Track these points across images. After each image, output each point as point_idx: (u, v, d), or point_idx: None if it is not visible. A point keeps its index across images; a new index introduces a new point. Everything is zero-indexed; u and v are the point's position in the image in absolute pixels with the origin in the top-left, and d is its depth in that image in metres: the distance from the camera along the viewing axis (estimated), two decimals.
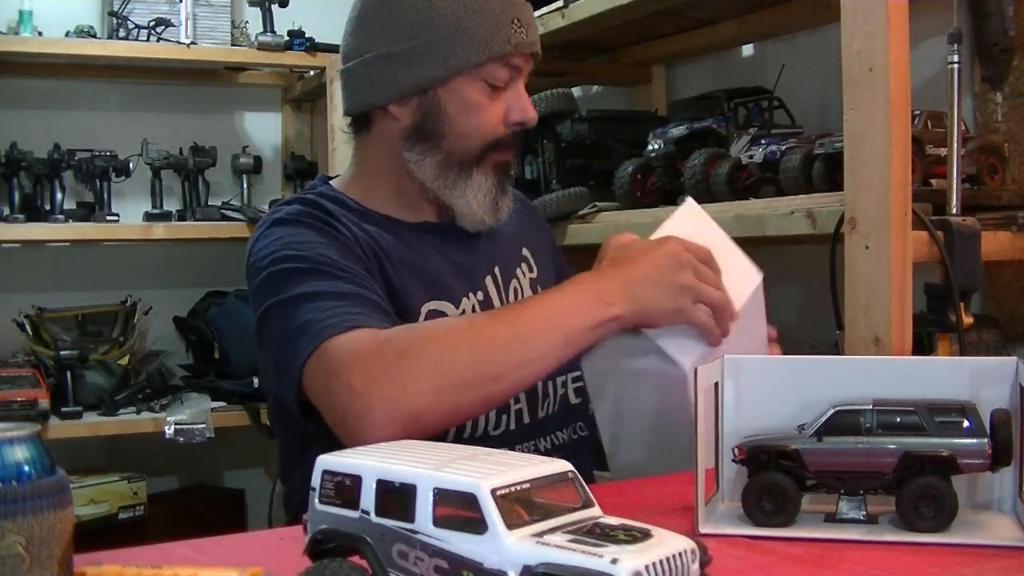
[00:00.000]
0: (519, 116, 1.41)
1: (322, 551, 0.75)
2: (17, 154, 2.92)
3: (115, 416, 2.88)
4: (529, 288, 1.52)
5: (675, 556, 0.63)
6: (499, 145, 1.42)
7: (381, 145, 1.45)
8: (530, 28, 1.40)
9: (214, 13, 3.16)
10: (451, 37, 1.36)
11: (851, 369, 1.05)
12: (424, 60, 1.36)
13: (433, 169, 1.41)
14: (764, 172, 1.88)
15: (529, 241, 1.58)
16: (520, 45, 1.38)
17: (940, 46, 1.60)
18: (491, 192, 1.42)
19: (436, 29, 1.36)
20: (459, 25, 1.36)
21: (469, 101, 1.38)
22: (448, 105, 1.38)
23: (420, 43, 1.37)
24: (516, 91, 1.41)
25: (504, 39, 1.36)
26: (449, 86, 1.38)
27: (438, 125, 1.39)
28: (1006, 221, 1.63)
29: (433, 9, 1.36)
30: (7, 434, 0.71)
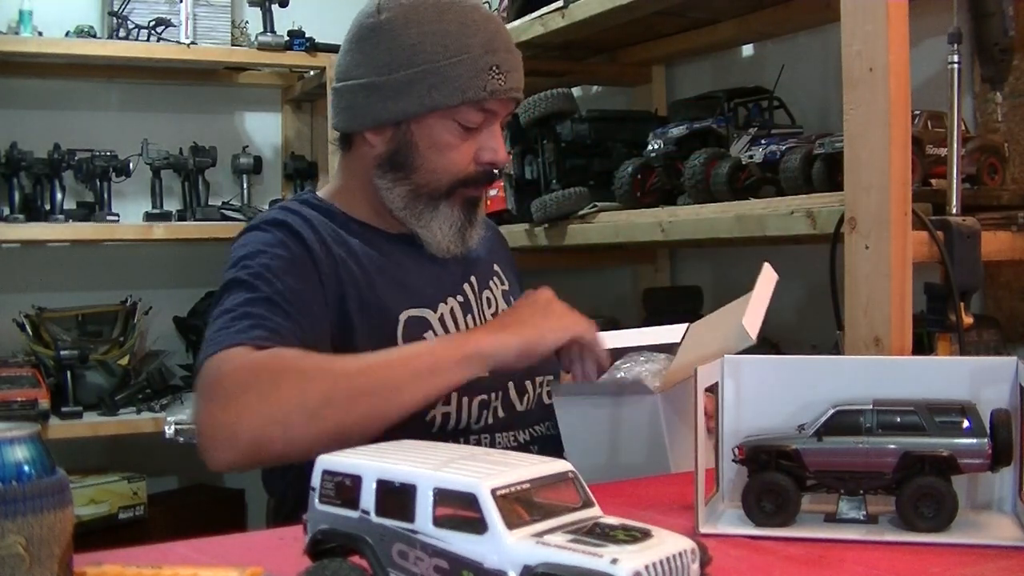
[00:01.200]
0: (490, 157, 1.46)
1: (322, 551, 0.75)
2: (17, 154, 2.92)
3: (115, 416, 2.88)
4: (502, 298, 1.58)
5: (675, 556, 0.63)
6: (468, 182, 1.47)
7: (359, 166, 1.51)
8: (510, 74, 1.44)
9: (214, 13, 3.16)
10: (429, 77, 1.41)
11: (851, 369, 1.05)
12: (401, 96, 1.42)
13: (402, 198, 1.47)
14: (764, 172, 1.88)
15: (500, 261, 1.66)
16: (496, 92, 1.42)
17: (940, 46, 1.60)
18: (456, 224, 1.48)
19: (416, 67, 1.41)
20: (438, 67, 1.41)
21: (440, 140, 1.44)
22: (420, 140, 1.44)
23: (400, 78, 1.42)
24: (490, 133, 1.46)
25: (480, 85, 1.41)
26: (422, 123, 1.43)
27: (409, 158, 1.45)
28: (1006, 221, 1.63)
29: (417, 48, 1.41)
30: (7, 434, 0.71)
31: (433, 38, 1.42)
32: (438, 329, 1.45)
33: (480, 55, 1.42)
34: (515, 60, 1.47)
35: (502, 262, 1.68)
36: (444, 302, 1.49)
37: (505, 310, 1.47)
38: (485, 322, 1.52)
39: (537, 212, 2.27)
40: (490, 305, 1.57)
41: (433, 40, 1.41)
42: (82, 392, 2.92)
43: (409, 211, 1.47)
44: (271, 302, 1.31)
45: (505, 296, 1.60)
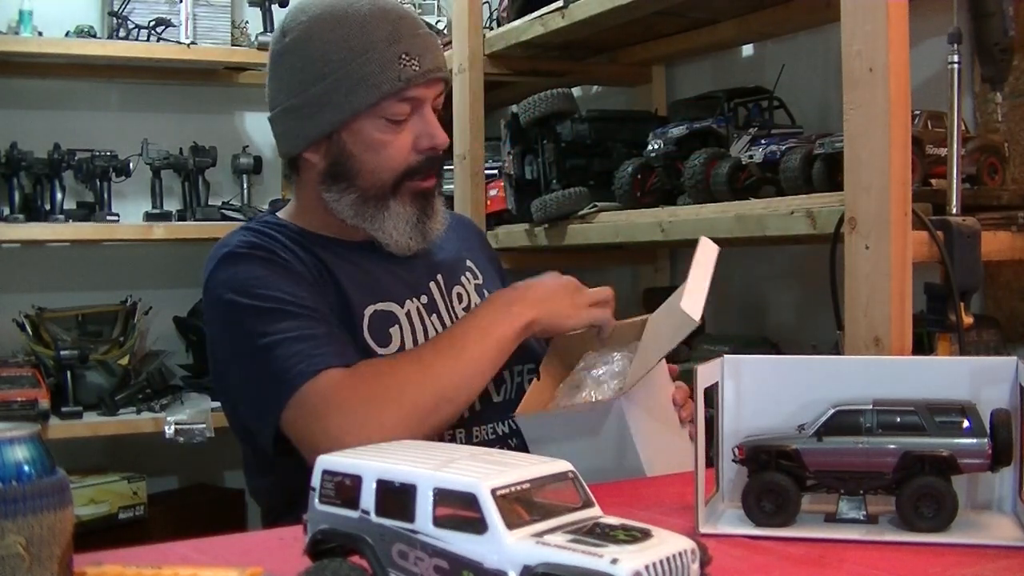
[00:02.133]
0: (427, 143, 1.46)
1: (322, 551, 0.75)
2: (17, 154, 2.92)
3: (115, 416, 2.88)
4: (475, 292, 1.59)
5: (675, 556, 0.63)
6: (413, 173, 1.47)
7: (308, 185, 1.52)
8: (424, 56, 1.44)
9: (214, 13, 3.16)
10: (342, 83, 1.41)
11: (851, 369, 1.05)
12: (321, 109, 1.43)
13: (350, 207, 1.47)
14: (764, 172, 1.88)
15: (472, 256, 1.66)
16: (412, 79, 1.42)
17: (940, 46, 1.60)
18: (411, 219, 1.48)
19: (327, 78, 1.42)
20: (347, 70, 1.41)
21: (371, 140, 1.44)
22: (353, 146, 1.44)
23: (316, 93, 1.43)
24: (422, 119, 1.46)
25: (393, 77, 1.41)
26: (351, 129, 1.44)
27: (348, 166, 1.45)
28: (1006, 221, 1.63)
29: (323, 59, 1.42)
30: (7, 434, 0.71)
31: (336, 45, 1.42)
32: (404, 325, 1.46)
33: (385, 47, 1.42)
34: (425, 42, 1.46)
35: (476, 255, 1.67)
36: (410, 299, 1.50)
37: (530, 282, 1.46)
38: (454, 320, 1.50)
39: (537, 212, 2.27)
40: (461, 300, 1.57)
41: (337, 47, 1.42)
42: (82, 392, 2.91)
43: (360, 217, 1.47)
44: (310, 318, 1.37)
45: (479, 290, 1.60)
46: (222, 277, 1.42)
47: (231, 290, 1.40)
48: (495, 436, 1.49)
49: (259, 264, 1.41)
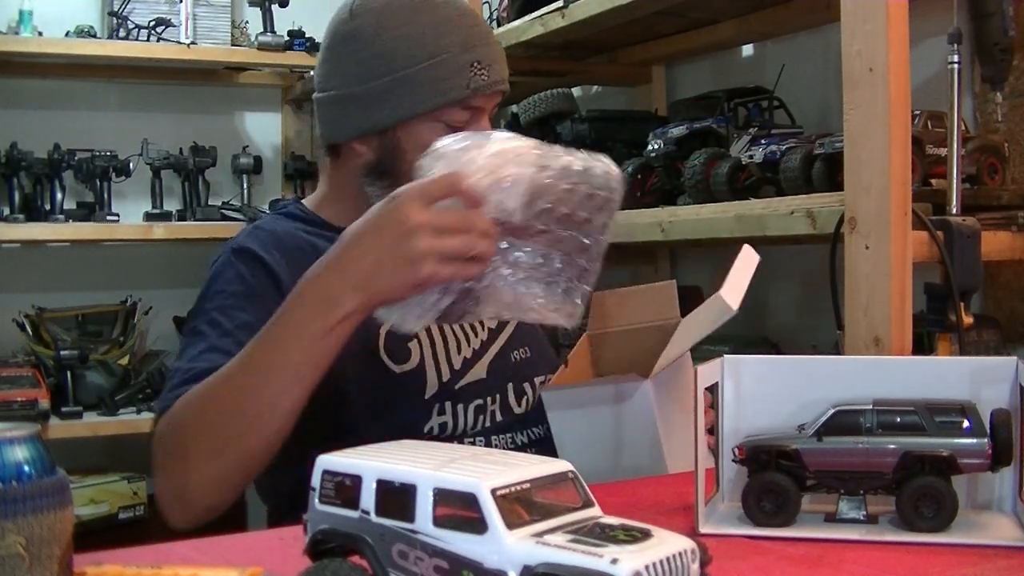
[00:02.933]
0: None
1: (322, 551, 0.75)
2: (17, 154, 2.92)
3: (115, 416, 2.88)
4: None
5: (675, 556, 0.63)
6: None
7: (347, 173, 1.48)
8: (493, 67, 1.41)
9: (214, 13, 3.16)
10: (408, 82, 1.38)
11: (851, 369, 1.05)
12: (381, 104, 1.39)
13: None
14: (764, 172, 1.88)
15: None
16: (480, 88, 1.39)
17: (940, 46, 1.60)
18: None
19: (393, 74, 1.38)
20: (416, 71, 1.37)
21: (426, 142, 1.34)
22: (407, 146, 1.39)
23: (378, 87, 1.39)
24: (478, 128, 1.41)
25: (461, 84, 1.38)
26: (408, 128, 1.40)
27: (397, 164, 1.40)
28: (1006, 221, 1.63)
29: (392, 54, 1.38)
30: (7, 434, 0.71)
31: (408, 41, 1.38)
32: (423, 339, 1.43)
33: (458, 53, 1.38)
34: (496, 52, 1.44)
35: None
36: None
37: (347, 247, 1.16)
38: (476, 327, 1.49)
39: None
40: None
41: (408, 44, 1.38)
42: (82, 392, 2.92)
43: None
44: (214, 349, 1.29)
45: None
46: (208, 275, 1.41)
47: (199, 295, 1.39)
48: (513, 447, 1.46)
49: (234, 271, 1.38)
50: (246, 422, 1.16)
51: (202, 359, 1.28)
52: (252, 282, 1.36)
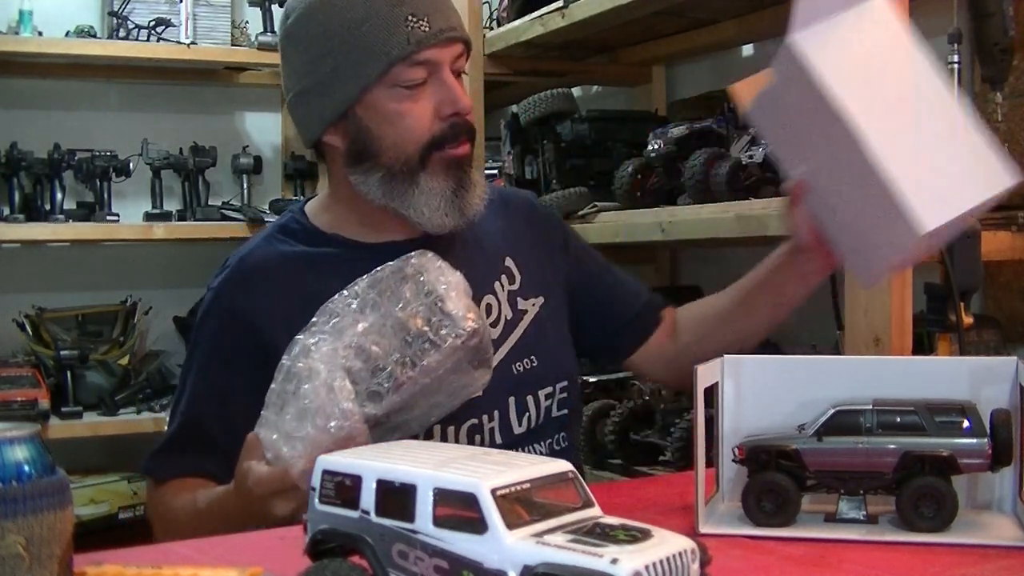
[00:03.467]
0: (449, 108, 1.35)
1: (322, 551, 0.75)
2: (17, 154, 2.92)
3: (115, 416, 2.88)
4: (507, 302, 1.44)
5: (675, 556, 0.63)
6: (441, 143, 1.36)
7: (335, 171, 1.44)
8: (433, 16, 1.33)
9: (214, 13, 3.16)
10: (348, 56, 1.33)
11: (851, 369, 1.05)
12: (331, 87, 1.35)
13: (378, 186, 1.37)
14: (764, 172, 1.88)
15: (515, 248, 1.50)
16: (423, 40, 1.32)
17: (940, 46, 1.60)
18: (445, 194, 1.36)
19: (332, 53, 1.34)
20: (351, 41, 1.33)
21: (387, 111, 1.34)
22: (370, 121, 1.35)
23: (324, 70, 1.35)
24: (440, 83, 1.35)
25: (400, 40, 1.31)
26: (364, 103, 1.35)
27: (368, 143, 1.36)
28: (1006, 221, 1.63)
29: (325, 34, 1.34)
30: (7, 434, 0.71)
31: (337, 17, 1.34)
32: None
33: (388, 11, 1.32)
34: (433, 1, 1.35)
35: (520, 245, 1.51)
36: None
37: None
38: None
39: None
40: (489, 313, 1.42)
41: (338, 19, 1.34)
42: (82, 392, 2.92)
43: (390, 196, 1.37)
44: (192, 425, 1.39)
45: (512, 298, 1.45)
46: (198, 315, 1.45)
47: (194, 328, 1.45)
48: None
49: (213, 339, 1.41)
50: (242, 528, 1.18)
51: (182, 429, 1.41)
52: (226, 345, 1.39)
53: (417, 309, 1.09)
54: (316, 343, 1.09)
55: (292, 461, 1.05)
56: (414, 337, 1.08)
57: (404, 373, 1.07)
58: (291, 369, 1.08)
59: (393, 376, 1.07)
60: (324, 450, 0.97)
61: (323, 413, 1.04)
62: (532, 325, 1.44)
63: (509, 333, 1.42)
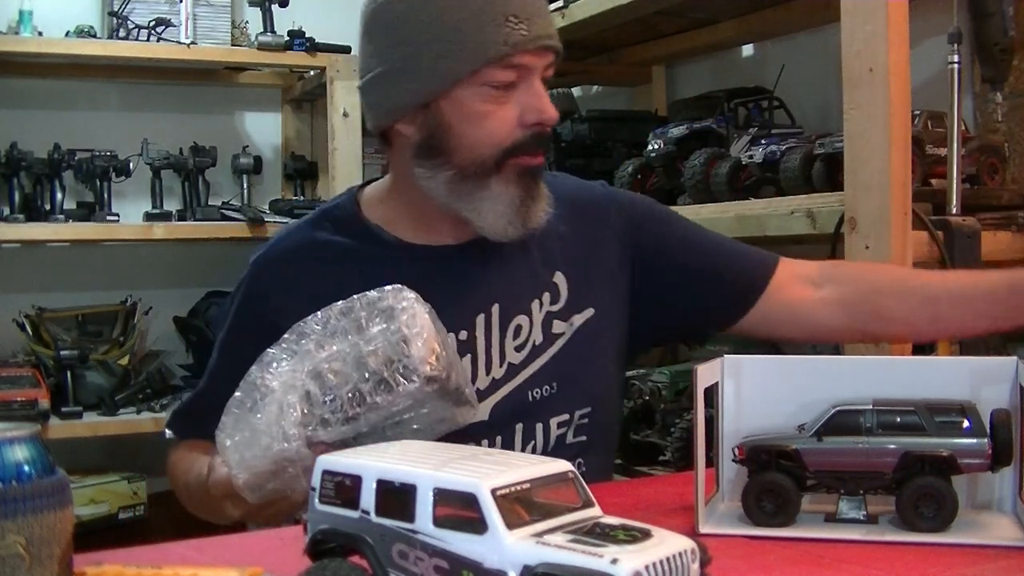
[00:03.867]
0: (534, 117, 1.31)
1: (322, 551, 0.75)
2: (17, 154, 2.93)
3: (115, 416, 2.88)
4: (540, 325, 1.37)
5: (675, 556, 0.63)
6: (517, 150, 1.31)
7: (400, 163, 1.39)
8: (532, 21, 1.29)
9: (214, 13, 3.16)
10: (440, 46, 1.28)
11: (851, 369, 1.05)
12: (418, 74, 1.29)
13: (445, 184, 1.32)
14: (764, 172, 1.88)
15: (573, 257, 1.43)
16: (519, 44, 1.27)
17: (940, 46, 1.60)
18: (514, 201, 1.31)
19: (427, 40, 1.28)
20: (446, 31, 1.27)
21: (472, 110, 1.29)
22: (451, 117, 1.30)
23: (412, 56, 1.29)
24: (529, 90, 1.31)
25: (498, 40, 1.26)
26: (449, 97, 1.29)
27: (444, 139, 1.31)
28: (1006, 221, 1.63)
29: (420, 19, 1.29)
30: (7, 434, 0.71)
31: (435, 4, 1.28)
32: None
33: (491, 7, 1.26)
34: (535, 6, 1.31)
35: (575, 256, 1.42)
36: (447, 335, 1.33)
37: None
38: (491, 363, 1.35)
39: None
40: (517, 336, 1.36)
41: (436, 5, 1.28)
42: (82, 392, 2.92)
43: (455, 196, 1.32)
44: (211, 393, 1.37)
45: (547, 320, 1.38)
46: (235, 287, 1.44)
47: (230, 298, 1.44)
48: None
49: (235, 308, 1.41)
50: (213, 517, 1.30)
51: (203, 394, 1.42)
52: (247, 324, 1.39)
53: (380, 346, 1.08)
54: (280, 360, 1.10)
55: (236, 472, 1.06)
56: (371, 374, 1.07)
57: (352, 408, 1.07)
58: (253, 382, 1.09)
59: (344, 408, 1.07)
60: (265, 468, 1.02)
61: (268, 433, 1.05)
62: (568, 346, 1.38)
63: (533, 359, 1.37)
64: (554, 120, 1.34)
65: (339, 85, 3.17)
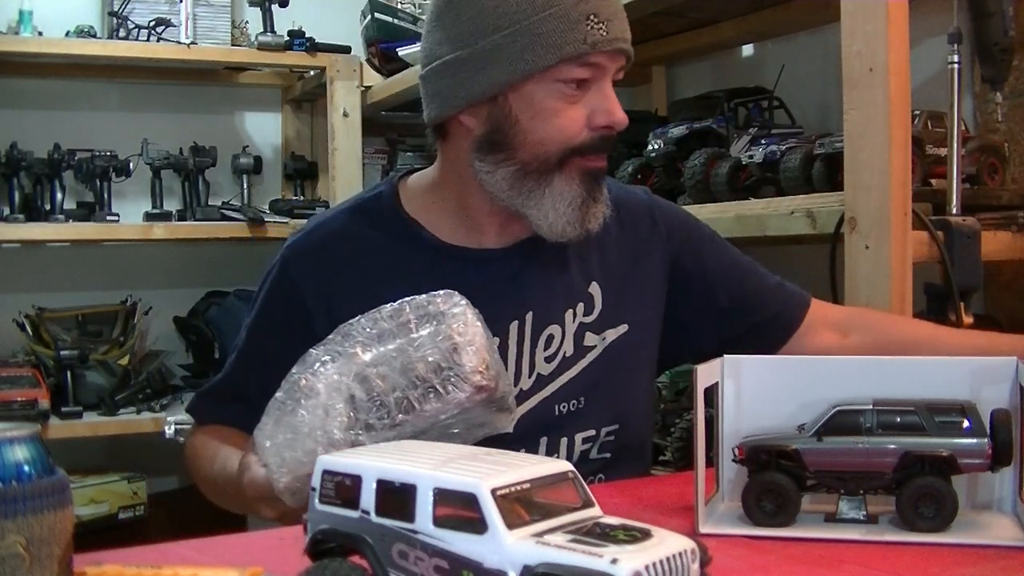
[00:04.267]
0: (604, 119, 1.28)
1: (322, 551, 0.75)
2: (17, 154, 2.93)
3: (115, 416, 2.88)
4: (572, 336, 1.35)
5: (675, 556, 0.63)
6: (583, 151, 1.29)
7: (455, 157, 1.35)
8: (611, 23, 1.26)
9: (214, 13, 3.16)
10: (519, 38, 1.24)
11: (851, 369, 1.05)
12: (490, 65, 1.26)
13: (506, 180, 1.29)
14: (764, 172, 1.88)
15: (611, 268, 1.40)
16: (598, 43, 1.24)
17: (940, 46, 1.60)
18: (575, 201, 1.29)
19: (503, 31, 1.25)
20: (527, 25, 1.24)
21: (543, 107, 1.27)
22: (520, 112, 1.27)
23: (486, 47, 1.26)
24: (600, 91, 1.28)
25: (578, 38, 1.24)
26: (520, 91, 1.26)
27: (510, 134, 1.28)
28: (1006, 221, 1.63)
29: (500, 8, 1.25)
30: (7, 434, 0.71)
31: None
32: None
33: (572, 4, 1.24)
34: (614, 7, 1.28)
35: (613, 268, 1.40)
36: None
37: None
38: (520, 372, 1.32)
39: None
40: (548, 346, 1.34)
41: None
42: (82, 392, 2.92)
43: (516, 191, 1.29)
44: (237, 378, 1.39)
45: (580, 331, 1.35)
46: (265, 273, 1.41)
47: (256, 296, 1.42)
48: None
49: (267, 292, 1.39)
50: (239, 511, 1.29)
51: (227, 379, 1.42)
52: (276, 313, 1.38)
53: (429, 353, 1.07)
54: (324, 362, 1.08)
55: (276, 475, 1.04)
56: (419, 381, 1.05)
57: (400, 414, 1.06)
58: (295, 383, 1.07)
59: (390, 414, 1.06)
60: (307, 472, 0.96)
61: (312, 436, 1.03)
62: (599, 360, 1.36)
63: (563, 372, 1.34)
64: (623, 124, 1.30)
65: (339, 85, 3.17)
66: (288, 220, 3.13)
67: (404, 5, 3.10)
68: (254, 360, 1.38)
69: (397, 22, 2.98)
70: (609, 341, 1.37)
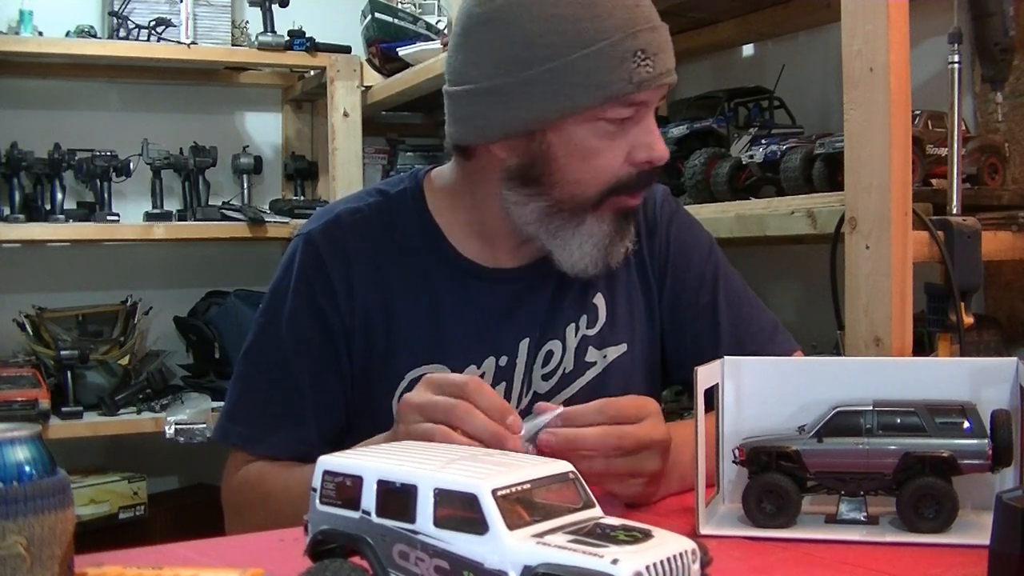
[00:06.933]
0: (646, 155, 1.23)
1: (323, 552, 0.75)
2: (17, 154, 2.93)
3: (115, 416, 2.88)
4: (572, 352, 1.32)
5: (676, 557, 0.63)
6: (621, 189, 1.24)
7: (478, 178, 1.29)
8: (658, 57, 1.20)
9: (214, 13, 3.16)
10: (561, 74, 1.17)
11: (851, 369, 1.05)
12: (530, 100, 1.19)
13: (536, 214, 1.24)
14: (764, 172, 1.88)
15: (617, 281, 1.37)
16: (644, 82, 1.19)
17: (940, 46, 1.60)
18: (603, 241, 1.25)
19: (544, 64, 1.17)
20: (571, 60, 1.17)
21: (583, 145, 1.21)
22: (558, 150, 1.21)
23: (526, 79, 1.18)
24: (642, 127, 1.23)
25: (624, 77, 1.17)
26: (560, 129, 1.20)
27: (546, 171, 1.22)
28: (1006, 221, 1.63)
29: (543, 39, 1.17)
30: (8, 434, 0.71)
31: (561, 24, 1.17)
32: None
33: (620, 40, 1.17)
34: (662, 38, 1.21)
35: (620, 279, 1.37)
36: (491, 357, 1.29)
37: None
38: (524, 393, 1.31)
39: None
40: (547, 362, 1.32)
41: (561, 27, 1.17)
42: (82, 392, 2.92)
43: (543, 226, 1.24)
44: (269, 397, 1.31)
45: (582, 345, 1.33)
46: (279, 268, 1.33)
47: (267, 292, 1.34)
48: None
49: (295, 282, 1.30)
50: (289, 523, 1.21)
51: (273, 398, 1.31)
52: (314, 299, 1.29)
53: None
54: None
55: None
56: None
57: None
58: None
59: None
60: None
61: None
62: (597, 379, 1.33)
63: (560, 389, 1.32)
64: (664, 159, 1.26)
65: (339, 85, 3.17)
66: (288, 220, 3.13)
67: (404, 5, 3.10)
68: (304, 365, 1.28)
69: (397, 22, 2.98)
70: (610, 360, 1.35)
